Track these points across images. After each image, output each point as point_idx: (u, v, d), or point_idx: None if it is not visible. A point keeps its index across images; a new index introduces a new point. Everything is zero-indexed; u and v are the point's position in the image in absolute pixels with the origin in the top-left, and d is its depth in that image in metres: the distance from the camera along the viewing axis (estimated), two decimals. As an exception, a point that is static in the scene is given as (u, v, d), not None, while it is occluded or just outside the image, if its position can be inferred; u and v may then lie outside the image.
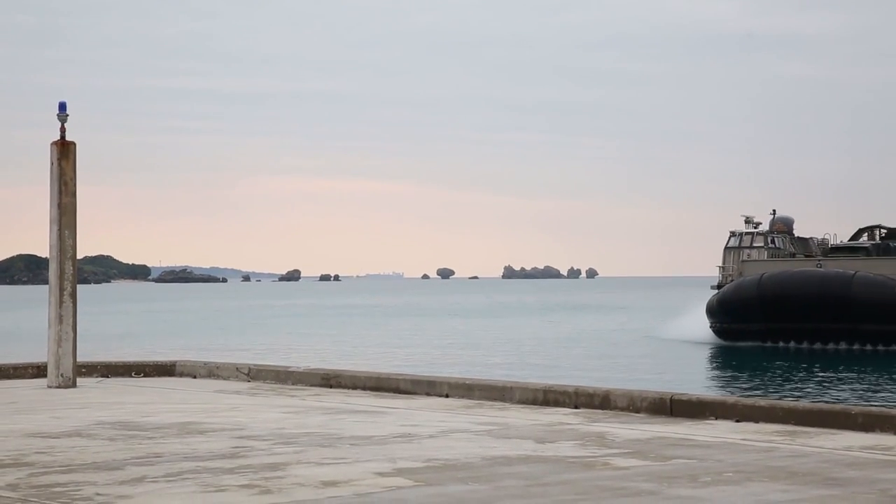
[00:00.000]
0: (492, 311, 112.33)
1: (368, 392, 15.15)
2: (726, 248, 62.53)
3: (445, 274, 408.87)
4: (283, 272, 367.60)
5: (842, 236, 63.71)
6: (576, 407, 13.09)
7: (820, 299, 54.31)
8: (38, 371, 17.16)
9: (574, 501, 7.87)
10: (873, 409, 11.77)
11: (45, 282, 17.11)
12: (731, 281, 58.95)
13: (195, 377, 17.49)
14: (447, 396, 14.37)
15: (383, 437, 10.83)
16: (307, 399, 14.48)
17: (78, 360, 16.45)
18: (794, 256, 61.35)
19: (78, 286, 16.56)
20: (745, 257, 60.58)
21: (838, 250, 61.37)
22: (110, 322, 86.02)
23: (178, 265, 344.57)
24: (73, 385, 16.07)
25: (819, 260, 58.54)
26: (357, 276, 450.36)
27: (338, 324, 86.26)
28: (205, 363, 18.05)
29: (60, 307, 16.15)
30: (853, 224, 66.96)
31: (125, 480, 8.58)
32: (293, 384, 16.20)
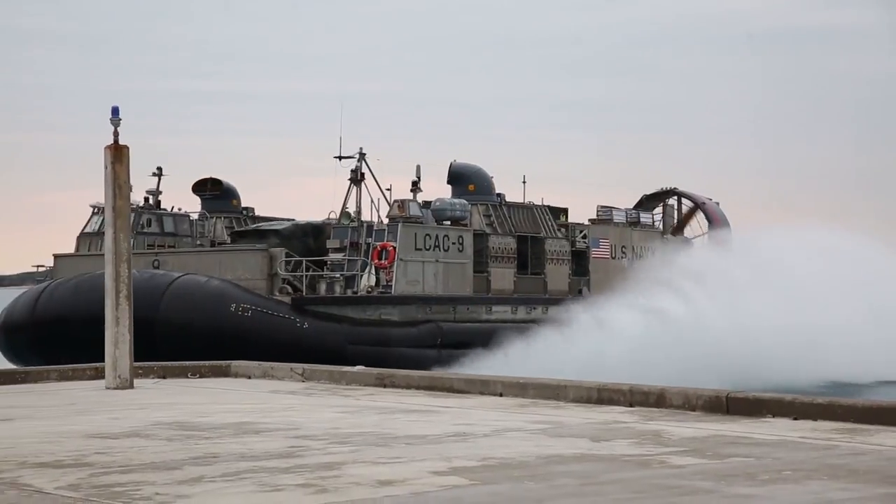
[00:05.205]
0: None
1: (422, 391, 15.17)
2: (82, 234, 39.02)
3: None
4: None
5: None
6: (630, 405, 13.05)
7: None
8: (97, 373, 17.34)
9: (630, 500, 7.83)
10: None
11: (102, 284, 17.29)
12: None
13: (250, 378, 17.60)
14: (501, 395, 14.37)
15: (438, 437, 10.84)
16: (361, 399, 14.53)
17: (135, 361, 16.60)
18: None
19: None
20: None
21: (244, 235, 38.44)
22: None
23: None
24: (131, 386, 16.22)
25: (157, 254, 36.31)
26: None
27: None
28: (259, 364, 18.16)
29: (117, 310, 16.30)
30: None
31: (183, 480, 8.65)
32: (347, 384, 16.26)
